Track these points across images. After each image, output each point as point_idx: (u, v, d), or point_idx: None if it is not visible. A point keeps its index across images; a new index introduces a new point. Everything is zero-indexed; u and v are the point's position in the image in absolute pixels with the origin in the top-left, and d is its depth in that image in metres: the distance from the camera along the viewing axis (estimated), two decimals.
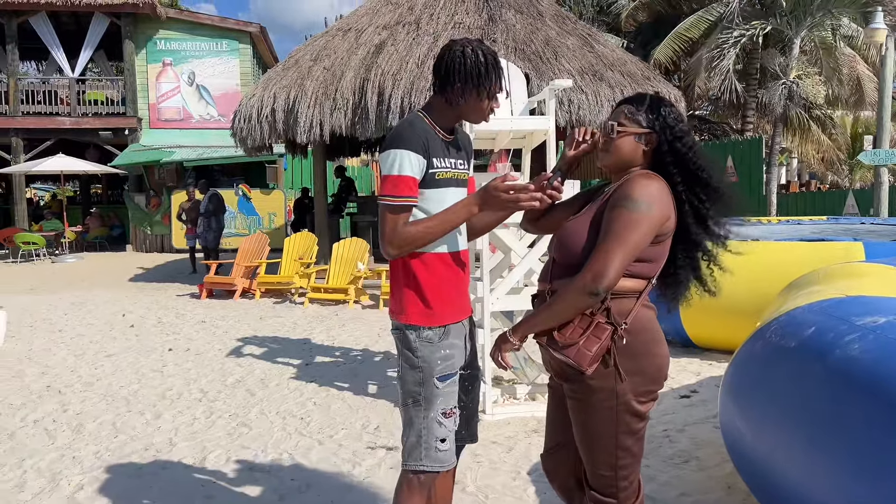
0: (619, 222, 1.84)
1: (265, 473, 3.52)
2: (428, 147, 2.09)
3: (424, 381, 2.15)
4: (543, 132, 4.45)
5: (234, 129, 9.93)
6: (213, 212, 11.76)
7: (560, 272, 1.99)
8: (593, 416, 1.95)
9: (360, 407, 4.57)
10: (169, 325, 7.71)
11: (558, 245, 2.02)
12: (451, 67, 2.10)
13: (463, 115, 2.18)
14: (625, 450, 1.96)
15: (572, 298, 1.87)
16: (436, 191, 2.14)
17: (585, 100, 8.94)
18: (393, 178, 2.06)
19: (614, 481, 1.99)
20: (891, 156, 10.80)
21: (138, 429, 4.26)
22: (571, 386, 1.98)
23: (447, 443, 2.17)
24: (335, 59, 9.59)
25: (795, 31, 13.55)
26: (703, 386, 4.85)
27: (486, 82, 2.10)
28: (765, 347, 2.72)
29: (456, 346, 2.20)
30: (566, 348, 1.87)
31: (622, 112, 2.02)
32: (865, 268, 3.65)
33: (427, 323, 2.16)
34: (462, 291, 2.26)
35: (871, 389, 1.96)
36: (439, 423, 2.15)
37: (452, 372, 2.18)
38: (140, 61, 18.67)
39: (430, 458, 2.15)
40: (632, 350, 1.90)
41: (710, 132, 19.12)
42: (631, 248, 1.84)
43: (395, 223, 2.07)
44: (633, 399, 1.93)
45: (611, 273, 1.82)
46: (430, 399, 2.15)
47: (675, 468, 3.46)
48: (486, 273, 4.26)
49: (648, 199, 1.86)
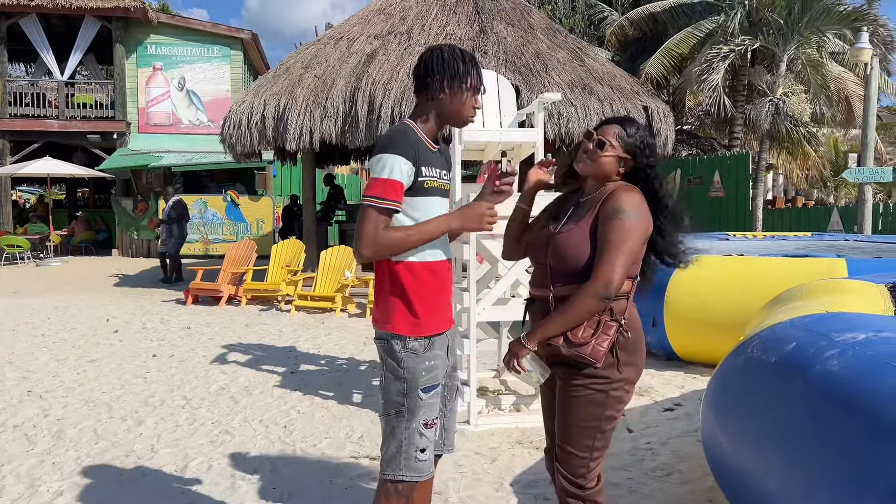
0: (617, 232, 2.06)
1: (247, 482, 3.50)
2: (418, 156, 2.12)
3: (408, 392, 2.15)
4: (532, 144, 4.48)
5: (224, 135, 9.91)
6: (176, 219, 11.62)
7: (560, 279, 2.16)
8: (585, 397, 2.14)
9: (345, 416, 4.56)
10: (153, 331, 7.66)
11: (555, 254, 2.18)
12: (430, 64, 2.17)
13: (446, 113, 2.21)
14: (603, 433, 2.16)
15: (587, 304, 2.06)
16: (424, 199, 2.16)
17: (574, 113, 8.99)
18: (382, 180, 2.07)
19: (586, 462, 2.17)
20: (875, 174, 10.94)
21: (120, 435, 4.23)
22: (571, 371, 2.14)
23: (427, 453, 2.18)
24: (326, 67, 9.60)
25: (783, 49, 13.72)
26: (687, 399, 4.88)
27: (465, 74, 2.17)
28: (746, 362, 2.74)
29: (439, 356, 2.22)
30: (581, 346, 2.08)
31: (613, 132, 2.22)
32: (847, 284, 3.69)
33: (414, 333, 2.16)
34: (447, 301, 2.28)
35: (849, 405, 1.98)
36: (420, 434, 2.16)
37: (436, 383, 2.20)
38: (130, 65, 18.61)
39: (409, 468, 2.16)
40: (629, 344, 2.15)
41: (698, 147, 19.27)
42: (630, 254, 2.08)
43: (375, 225, 2.07)
44: (622, 387, 2.16)
45: (617, 278, 2.05)
46: (413, 410, 2.16)
47: (658, 481, 3.47)
48: (472, 284, 4.27)
49: (637, 209, 2.10)
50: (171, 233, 11.64)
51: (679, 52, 15.29)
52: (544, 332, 2.12)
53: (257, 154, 10.44)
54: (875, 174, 10.89)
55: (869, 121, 11.08)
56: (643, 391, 5.02)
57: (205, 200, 17.02)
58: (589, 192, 2.26)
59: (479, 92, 2.22)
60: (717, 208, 14.25)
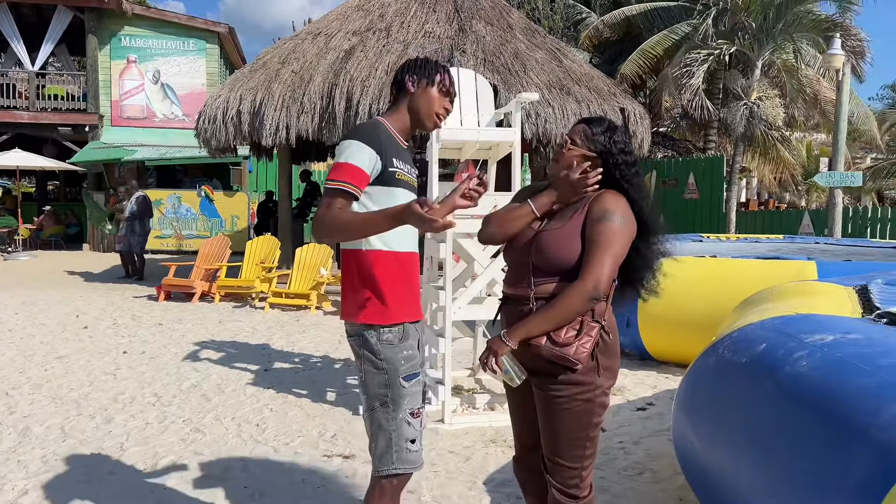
0: (607, 234, 2.06)
1: (218, 480, 3.46)
2: (387, 148, 2.17)
3: (390, 382, 2.16)
4: (509, 144, 4.49)
5: (199, 129, 9.78)
6: (139, 215, 11.36)
7: (543, 277, 2.12)
8: (569, 409, 2.10)
9: (318, 414, 4.53)
10: (124, 327, 7.55)
11: (539, 252, 2.14)
12: (403, 68, 2.28)
13: (417, 113, 2.26)
14: (591, 441, 2.15)
15: (575, 304, 2.04)
16: (394, 190, 2.19)
17: (552, 113, 9.02)
18: (342, 164, 2.12)
19: (579, 472, 2.14)
20: (845, 178, 11.13)
21: (88, 433, 4.16)
22: (553, 380, 2.10)
23: (417, 443, 2.19)
24: (304, 62, 9.53)
25: (758, 54, 13.91)
26: (660, 399, 4.92)
27: (435, 74, 2.25)
28: (717, 363, 2.77)
29: (414, 347, 2.23)
30: (565, 347, 2.04)
31: (579, 131, 2.20)
32: (817, 286, 3.75)
33: (384, 321, 2.17)
34: (414, 293, 2.28)
35: (817, 405, 2.01)
36: (408, 424, 2.17)
37: (416, 372, 2.21)
38: (103, 57, 18.31)
39: (401, 461, 2.17)
40: (608, 347, 2.13)
41: (673, 149, 19.47)
42: (618, 256, 2.08)
43: (329, 205, 2.09)
44: (603, 392, 2.13)
45: (606, 279, 2.05)
46: (398, 400, 2.16)
47: (629, 480, 3.49)
48: (448, 282, 4.27)
49: (624, 212, 2.11)
50: (133, 229, 11.29)
51: (655, 54, 15.43)
52: (528, 330, 2.08)
53: (233, 149, 10.32)
54: (845, 178, 11.09)
55: (840, 126, 11.27)
56: (616, 390, 5.06)
57: (179, 195, 16.82)
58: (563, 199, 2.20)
59: (449, 95, 2.29)
60: (692, 210, 14.41)
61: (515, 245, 2.24)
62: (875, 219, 12.41)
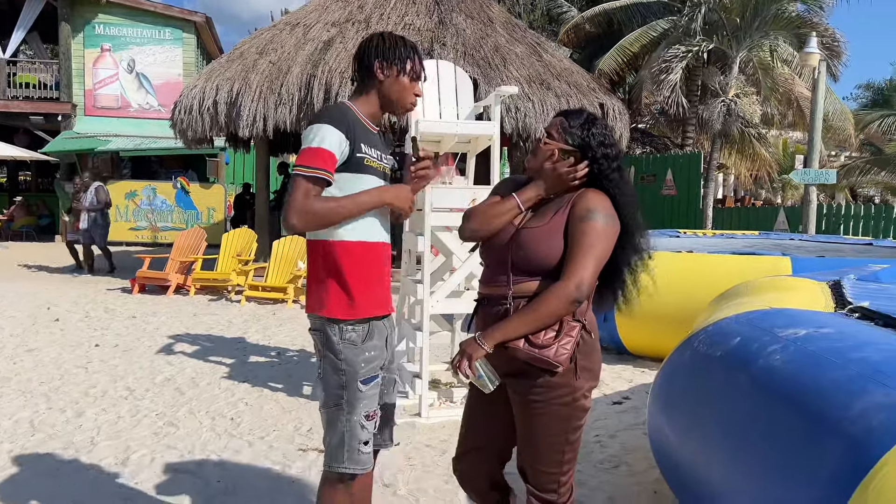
0: (591, 234, 1.98)
1: (191, 475, 3.41)
2: (354, 132, 2.08)
3: (348, 384, 2.10)
4: (488, 137, 4.47)
5: (175, 119, 9.67)
6: (100, 207, 11.03)
7: (522, 276, 2.04)
8: (548, 414, 2.03)
9: (294, 408, 4.49)
10: (97, 320, 7.43)
11: (519, 249, 2.05)
12: (370, 49, 2.15)
13: (385, 99, 2.18)
14: (571, 445, 2.08)
15: (556, 306, 1.95)
16: (362, 176, 2.11)
17: (532, 108, 9.04)
18: (311, 149, 2.03)
19: (558, 477, 2.08)
20: (819, 175, 11.28)
21: (58, 427, 4.08)
22: (527, 383, 2.02)
23: (369, 445, 2.15)
24: (282, 53, 9.44)
25: (736, 51, 14.02)
26: (635, 392, 4.95)
27: (405, 59, 2.15)
28: (692, 356, 2.78)
29: (378, 347, 2.17)
30: (544, 349, 1.96)
31: (556, 124, 2.12)
32: (791, 282, 3.79)
33: (349, 316, 2.10)
34: (384, 285, 2.22)
35: (790, 398, 2.03)
36: (362, 427, 2.12)
37: (375, 374, 2.15)
38: (77, 45, 17.98)
39: (352, 461, 2.12)
40: (588, 347, 2.05)
41: (652, 145, 19.60)
42: (602, 256, 2.00)
43: (304, 193, 2.01)
44: (584, 394, 2.07)
45: (589, 281, 1.97)
46: (353, 403, 2.11)
47: (605, 473, 3.51)
48: (426, 276, 4.25)
49: (608, 211, 2.03)
50: (96, 221, 10.96)
51: (633, 51, 15.49)
52: (505, 333, 1.97)
53: (209, 140, 10.22)
54: (820, 176, 11.23)
55: (816, 124, 11.40)
56: None
57: (154, 187, 16.60)
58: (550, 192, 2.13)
59: (419, 79, 2.19)
60: (669, 206, 14.53)
61: (494, 242, 2.13)
62: (848, 216, 12.61)
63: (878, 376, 1.84)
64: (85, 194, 11.10)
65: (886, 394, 1.74)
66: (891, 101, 22.90)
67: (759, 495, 2.00)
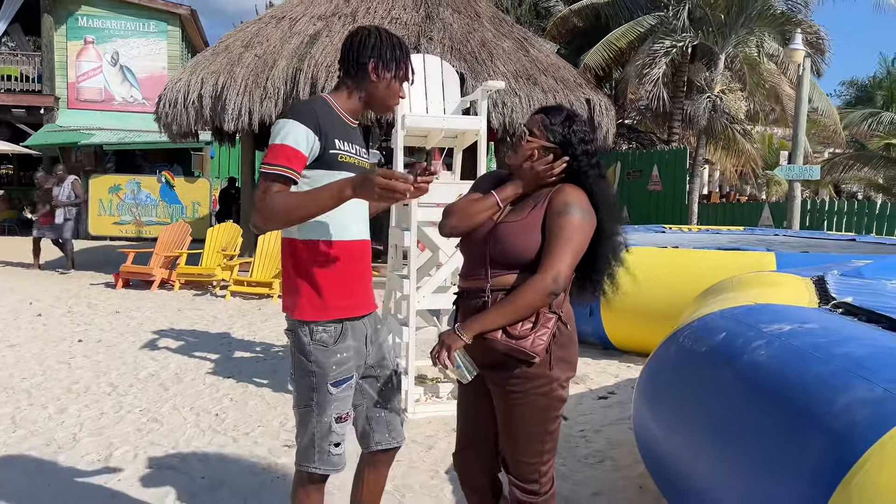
0: (568, 228, 2.01)
1: (175, 471, 3.38)
2: (322, 126, 2.02)
3: (318, 386, 2.07)
4: (475, 132, 4.46)
5: (159, 113, 9.57)
6: (77, 202, 10.75)
7: (499, 270, 2.07)
8: (526, 404, 2.06)
9: (279, 404, 4.46)
10: (80, 315, 7.36)
11: (496, 243, 2.07)
12: (360, 46, 2.09)
13: (370, 98, 2.14)
14: (550, 435, 2.11)
15: (533, 298, 1.99)
16: (337, 173, 2.04)
17: (519, 103, 9.03)
18: (275, 146, 1.98)
19: (538, 467, 2.11)
20: (804, 171, 11.35)
21: (40, 423, 4.04)
22: (505, 374, 2.06)
23: (341, 447, 2.12)
24: (267, 46, 9.36)
25: (721, 47, 14.09)
26: (621, 387, 4.97)
27: (395, 62, 2.10)
28: (678, 351, 2.79)
29: (352, 348, 2.12)
30: (521, 340, 1.99)
31: (537, 121, 2.14)
32: (776, 277, 3.81)
33: (319, 317, 2.07)
34: (363, 285, 2.18)
35: (775, 393, 2.03)
36: (331, 429, 2.09)
37: (348, 377, 2.11)
38: (59, 37, 17.76)
39: (322, 461, 2.10)
40: (564, 338, 2.08)
41: (638, 141, 19.66)
42: (578, 250, 2.04)
43: (265, 190, 1.96)
44: (561, 384, 2.09)
45: (565, 274, 2.01)
46: (323, 405, 2.08)
47: (590, 468, 3.52)
48: (413, 271, 4.24)
49: (585, 206, 2.06)
50: (69, 217, 10.64)
51: (619, 47, 15.51)
52: (482, 324, 2.01)
53: (194, 134, 10.12)
54: (804, 171, 11.31)
55: (800, 120, 11.48)
56: (579, 379, 5.09)
57: (138, 181, 16.46)
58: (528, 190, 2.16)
59: (406, 80, 2.15)
60: (655, 202, 14.59)
61: (472, 237, 2.16)
62: (832, 211, 12.72)
63: (861, 371, 1.85)
64: (60, 188, 10.81)
65: (870, 389, 1.75)
66: (874, 99, 23.09)
67: (743, 490, 2.01)
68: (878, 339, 2.20)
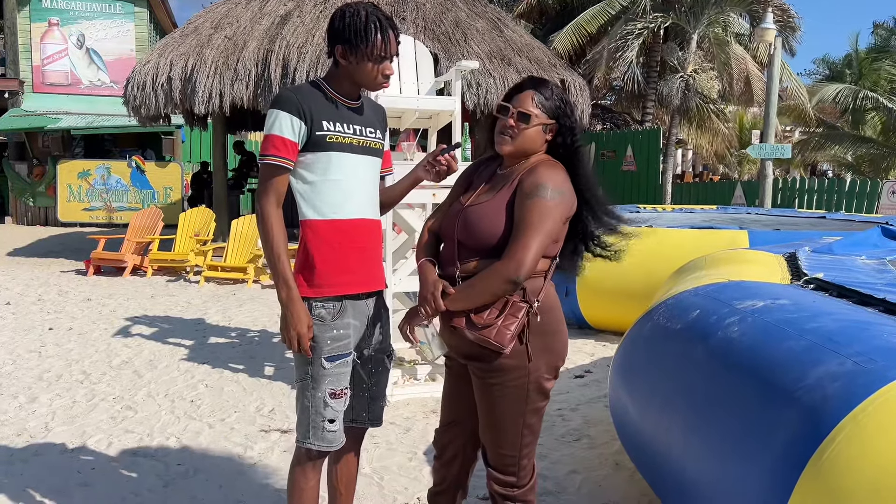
0: (535, 212, 1.89)
1: (149, 458, 3.35)
2: (305, 111, 2.05)
3: (312, 360, 2.10)
4: (449, 113, 4.42)
5: (128, 96, 9.38)
6: None
7: (468, 255, 2.00)
8: (504, 396, 2.00)
9: (255, 389, 4.43)
10: (50, 303, 7.22)
11: (464, 228, 2.01)
12: (338, 27, 2.08)
13: (351, 79, 2.13)
14: (529, 428, 2.04)
15: (493, 285, 1.91)
16: (330, 154, 2.09)
17: (493, 84, 8.98)
18: (267, 137, 2.07)
19: (516, 460, 2.06)
20: (775, 150, 11.47)
21: (10, 413, 3.97)
22: (482, 366, 2.00)
23: (336, 423, 2.14)
24: (237, 28, 9.19)
25: (693, 27, 14.13)
26: (597, 366, 5.01)
27: (370, 42, 2.06)
28: (652, 329, 2.81)
29: (352, 325, 2.14)
30: (484, 329, 1.91)
31: (531, 99, 2.01)
32: (749, 254, 3.85)
33: (315, 294, 2.09)
34: (363, 262, 2.17)
35: (747, 368, 2.05)
36: (325, 404, 2.10)
37: (344, 353, 2.13)
38: (23, 19, 17.25)
39: (317, 437, 2.12)
40: (543, 328, 1.98)
41: (612, 121, 19.70)
42: (547, 236, 1.91)
43: (269, 180, 2.07)
44: (542, 376, 2.01)
45: (530, 262, 1.88)
46: (318, 379, 2.10)
47: (567, 446, 3.54)
48: (389, 254, 4.21)
49: (559, 186, 1.94)
50: None
51: (589, 31, 15.44)
52: (440, 304, 1.97)
53: (164, 118, 9.95)
54: (776, 150, 11.43)
55: (771, 99, 11.58)
56: None
57: (108, 166, 16.13)
58: (508, 164, 2.07)
59: (386, 59, 2.09)
60: (629, 182, 14.67)
61: (446, 222, 2.11)
62: (803, 190, 12.89)
63: (832, 345, 1.88)
64: None
65: (840, 363, 1.77)
66: (843, 77, 23.34)
67: (716, 465, 2.03)
68: (848, 314, 2.23)
